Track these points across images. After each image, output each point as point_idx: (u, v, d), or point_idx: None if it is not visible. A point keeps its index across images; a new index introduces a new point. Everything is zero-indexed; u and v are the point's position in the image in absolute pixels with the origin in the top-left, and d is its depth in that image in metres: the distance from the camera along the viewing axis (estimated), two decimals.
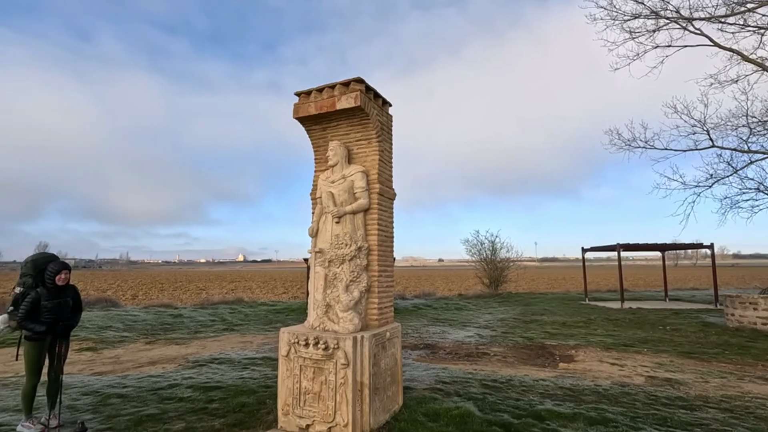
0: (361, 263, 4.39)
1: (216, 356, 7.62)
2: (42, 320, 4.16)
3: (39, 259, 4.41)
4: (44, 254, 4.52)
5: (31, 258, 4.42)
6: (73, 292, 4.49)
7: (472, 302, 18.31)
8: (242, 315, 13.88)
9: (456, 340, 9.35)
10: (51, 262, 4.34)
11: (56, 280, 4.25)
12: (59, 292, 4.29)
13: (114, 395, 5.18)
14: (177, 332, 10.65)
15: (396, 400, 4.55)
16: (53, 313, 4.23)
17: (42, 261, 4.38)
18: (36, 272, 4.31)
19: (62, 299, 4.31)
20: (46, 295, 4.20)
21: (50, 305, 4.21)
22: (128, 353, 8.20)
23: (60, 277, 4.28)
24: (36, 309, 4.15)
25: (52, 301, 4.22)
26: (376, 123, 4.68)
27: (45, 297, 4.19)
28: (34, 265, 4.34)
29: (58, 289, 4.29)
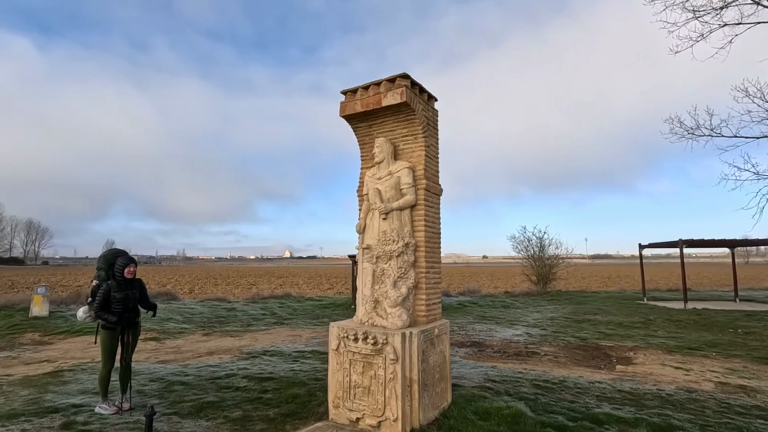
0: (409, 259, 4.39)
1: (268, 349, 7.92)
2: (113, 310, 4.51)
3: (108, 254, 4.79)
4: (113, 250, 4.91)
5: (103, 253, 4.82)
6: (139, 284, 4.85)
7: (520, 300, 17.81)
8: (291, 309, 14.34)
9: (504, 339, 9.13)
10: (119, 257, 4.70)
11: (125, 273, 4.60)
12: (127, 285, 4.64)
13: (177, 383, 5.53)
14: (231, 325, 11.18)
15: (445, 397, 4.52)
16: (122, 303, 4.58)
17: (111, 256, 4.75)
18: (107, 266, 4.68)
19: (129, 291, 4.66)
20: (116, 287, 4.56)
21: (119, 296, 4.57)
22: (188, 344, 8.72)
23: (128, 270, 4.62)
24: (108, 300, 4.51)
25: (120, 293, 4.57)
26: (422, 118, 4.65)
27: (115, 289, 4.55)
28: (104, 259, 4.72)
29: (126, 281, 4.64)
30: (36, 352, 8.06)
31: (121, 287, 4.59)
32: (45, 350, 8.29)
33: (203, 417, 4.33)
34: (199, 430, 3.99)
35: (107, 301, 4.51)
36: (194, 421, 4.24)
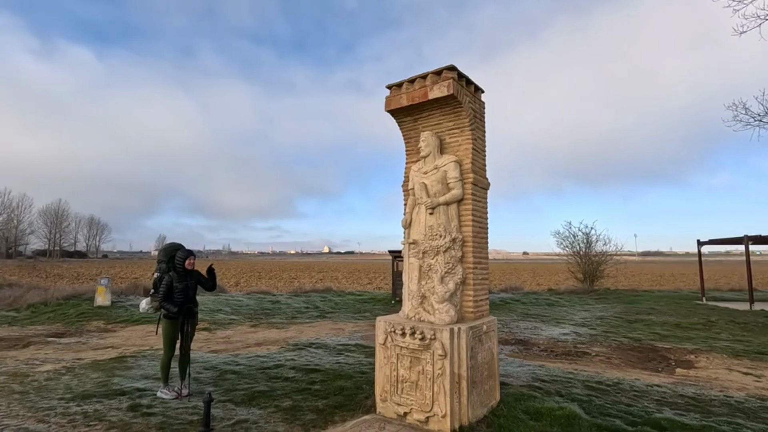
0: (456, 255, 4.33)
1: (313, 341, 8.10)
2: (175, 300, 4.77)
3: (169, 247, 5.06)
4: (173, 243, 5.17)
5: (163, 247, 5.10)
6: (197, 275, 5.08)
7: (565, 298, 17.19)
8: (332, 303, 14.59)
9: (550, 337, 8.84)
10: (179, 250, 4.95)
11: (185, 265, 4.85)
12: (186, 276, 4.88)
13: (229, 371, 5.77)
14: (276, 317, 11.54)
15: (493, 395, 4.43)
16: (183, 294, 4.82)
17: (171, 249, 5.02)
18: (167, 258, 4.95)
19: (189, 282, 4.91)
20: (177, 278, 4.81)
21: (180, 287, 4.81)
22: (237, 334, 9.08)
23: (188, 261, 4.87)
24: (171, 290, 4.77)
25: (181, 283, 4.82)
26: (469, 111, 4.55)
27: (176, 280, 4.80)
28: (165, 252, 4.99)
29: (186, 272, 4.89)
30: (101, 339, 8.68)
31: (181, 278, 4.84)
32: (109, 337, 8.90)
33: (255, 405, 4.49)
34: (253, 418, 4.14)
35: (170, 291, 4.77)
36: (247, 408, 4.40)
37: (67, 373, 5.83)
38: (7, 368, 6.11)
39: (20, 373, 5.83)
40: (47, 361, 6.63)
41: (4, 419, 4.06)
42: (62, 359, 6.71)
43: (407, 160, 5.06)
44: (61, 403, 4.48)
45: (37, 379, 5.52)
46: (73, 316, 11.34)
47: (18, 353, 7.30)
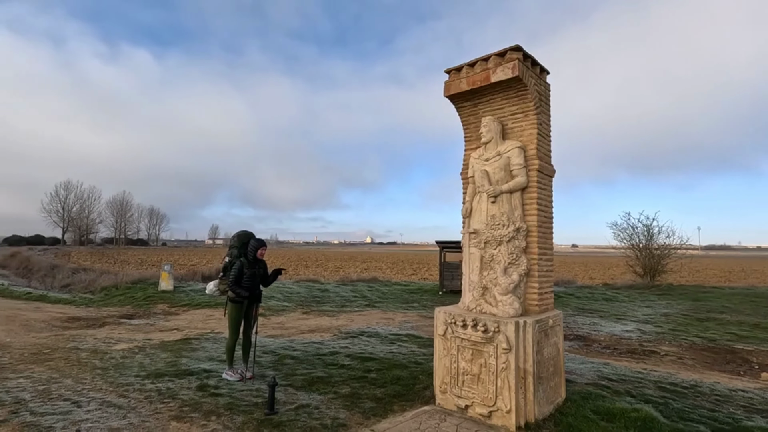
0: (520, 245, 4.13)
1: (364, 330, 8.17)
2: (243, 285, 4.93)
3: (243, 235, 5.23)
4: (247, 232, 5.34)
5: (237, 233, 5.27)
6: (264, 266, 5.22)
7: (623, 293, 16.25)
8: (380, 293, 14.69)
9: (612, 334, 8.37)
10: (252, 239, 5.11)
11: (257, 254, 5.00)
12: (255, 264, 5.03)
13: (287, 356, 5.92)
14: (326, 305, 11.77)
15: (558, 392, 4.23)
16: (250, 280, 4.98)
17: (245, 237, 5.19)
18: (240, 245, 5.12)
19: (257, 270, 5.06)
20: (247, 265, 4.97)
21: (249, 273, 4.97)
22: (290, 321, 9.34)
23: (260, 251, 5.02)
24: (241, 276, 4.93)
25: (250, 270, 4.97)
26: (534, 94, 4.30)
27: (246, 266, 4.96)
28: (239, 239, 5.17)
29: (255, 261, 5.05)
30: (167, 321, 9.24)
31: (250, 265, 4.99)
32: (173, 319, 9.46)
33: (315, 391, 4.57)
34: (314, 403, 4.21)
35: (240, 276, 4.94)
36: (308, 393, 4.49)
37: (140, 352, 6.24)
38: (88, 345, 6.64)
39: (99, 351, 6.30)
40: (121, 340, 7.13)
41: (90, 392, 4.40)
42: (134, 339, 7.20)
43: (466, 147, 4.88)
44: (137, 380, 4.79)
45: (114, 356, 5.94)
46: (140, 299, 12.17)
47: (95, 332, 7.92)
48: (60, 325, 8.58)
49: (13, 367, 5.36)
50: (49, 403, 4.07)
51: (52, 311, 10.33)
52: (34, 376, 4.98)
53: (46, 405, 4.00)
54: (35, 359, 5.78)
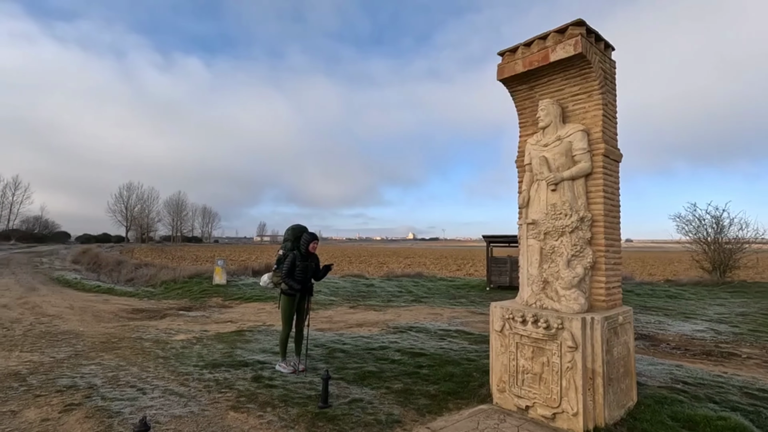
0: (584, 236, 3.83)
1: (412, 325, 8.05)
2: (296, 278, 4.97)
3: (297, 228, 5.28)
4: (301, 225, 5.39)
5: (291, 227, 5.32)
6: (316, 259, 5.23)
7: (689, 290, 15.05)
8: (425, 288, 14.51)
9: (681, 334, 7.72)
10: (306, 232, 5.14)
11: (309, 248, 5.02)
12: (308, 257, 5.06)
13: (337, 350, 5.92)
14: (372, 300, 11.77)
15: (629, 395, 3.90)
16: (303, 273, 5.01)
17: (298, 230, 5.24)
18: (294, 238, 5.16)
19: (309, 263, 5.08)
20: (300, 257, 5.00)
21: (301, 266, 5.00)
22: (338, 315, 9.40)
23: (313, 245, 5.05)
24: (293, 268, 4.98)
25: (302, 263, 5.00)
26: (599, 71, 3.97)
27: (299, 259, 5.00)
28: (293, 232, 5.22)
29: (308, 254, 5.07)
30: (221, 314, 9.59)
31: (303, 259, 5.02)
32: (227, 312, 9.81)
33: (367, 385, 4.51)
34: (367, 398, 4.14)
35: (293, 269, 4.98)
36: (360, 388, 4.43)
37: (198, 343, 6.48)
38: (151, 335, 6.99)
39: (161, 341, 6.62)
40: (180, 331, 7.46)
41: (153, 380, 4.59)
42: (191, 330, 7.51)
43: (521, 133, 4.61)
44: (196, 370, 4.95)
45: (174, 346, 6.21)
46: (196, 292, 12.76)
47: (157, 323, 8.35)
48: (126, 316, 9.13)
49: (86, 354, 5.73)
50: (117, 389, 4.28)
51: (119, 303, 11.04)
52: (104, 363, 5.29)
53: (114, 391, 4.22)
54: (105, 347, 6.15)
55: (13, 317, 8.47)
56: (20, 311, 9.25)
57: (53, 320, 8.25)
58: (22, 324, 7.76)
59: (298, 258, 5.01)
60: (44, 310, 9.47)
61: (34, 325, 7.74)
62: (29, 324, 7.76)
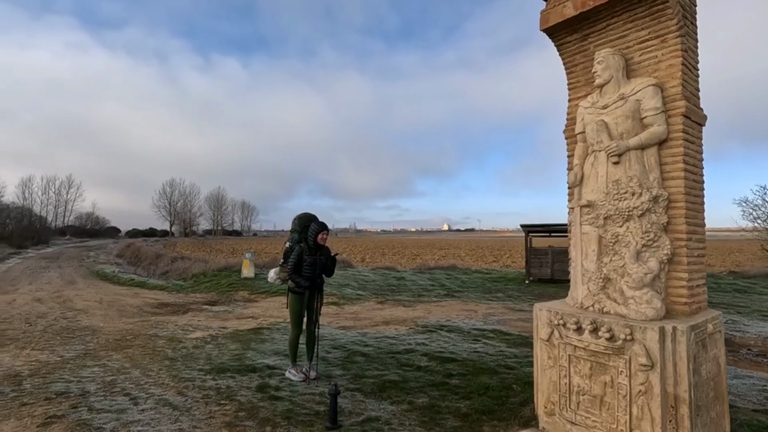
0: (658, 220, 2.98)
1: (443, 323, 7.33)
2: (303, 274, 4.38)
3: (304, 216, 4.69)
4: (309, 214, 4.79)
5: (298, 216, 4.74)
6: (327, 252, 4.63)
7: (760, 283, 13.39)
8: (459, 281, 13.70)
9: (764, 336, 6.56)
10: (314, 221, 4.54)
11: (317, 239, 4.42)
12: (317, 250, 4.46)
13: (357, 353, 5.31)
14: (402, 294, 11.12)
15: (721, 425, 3.03)
16: (311, 268, 4.42)
17: (305, 219, 4.64)
18: (301, 228, 4.57)
19: (318, 257, 4.48)
20: (307, 250, 4.41)
21: (309, 261, 4.41)
22: (364, 311, 8.82)
23: (321, 236, 4.44)
24: (300, 263, 4.40)
25: (310, 257, 4.41)
26: (677, 8, 3.05)
27: (306, 252, 4.41)
28: (300, 222, 4.63)
29: (317, 246, 4.47)
30: (245, 309, 9.25)
31: (311, 252, 4.44)
32: (251, 307, 9.46)
33: (387, 399, 3.87)
34: (385, 416, 3.50)
35: (299, 264, 4.41)
36: (377, 402, 3.80)
37: (211, 341, 6.07)
38: (167, 332, 6.67)
39: (175, 339, 6.27)
40: (198, 327, 7.12)
41: (151, 387, 4.16)
42: (210, 327, 7.14)
43: (571, 97, 3.76)
44: (200, 375, 4.48)
45: (187, 346, 5.82)
46: (224, 285, 12.58)
47: (178, 318, 8.08)
48: (150, 311, 8.96)
49: (95, 354, 5.43)
50: (109, 397, 3.86)
51: (147, 297, 10.99)
52: (109, 364, 4.94)
53: (105, 400, 3.80)
54: (116, 346, 5.86)
55: (41, 312, 8.48)
56: (50, 305, 9.29)
57: (78, 315, 8.16)
58: (47, 319, 7.70)
59: (306, 251, 4.42)
60: (74, 304, 9.49)
61: (58, 320, 7.65)
62: (53, 319, 7.68)
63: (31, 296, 10.64)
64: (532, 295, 10.86)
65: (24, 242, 41.29)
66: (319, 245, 4.48)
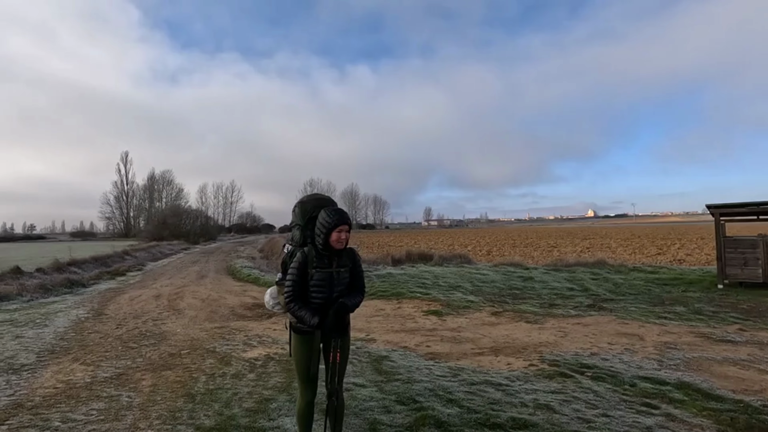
0: None
1: (586, 359, 4.79)
2: (311, 299, 2.62)
3: (308, 202, 2.89)
4: (316, 195, 2.99)
5: (300, 199, 2.96)
6: (352, 258, 2.75)
7: None
8: (610, 284, 10.34)
9: None
10: (324, 210, 2.69)
11: (331, 241, 2.59)
12: (332, 258, 2.63)
13: (433, 418, 3.31)
14: (527, 302, 8.55)
15: None
16: (323, 290, 2.61)
17: (310, 206, 2.83)
18: (305, 221, 2.80)
19: (334, 269, 2.64)
20: (315, 259, 2.61)
21: (318, 276, 2.60)
22: (471, 326, 6.68)
23: (336, 236, 2.60)
24: (302, 280, 2.62)
25: (320, 271, 2.60)
26: None
27: (313, 262, 2.61)
28: (301, 210, 2.84)
29: (330, 252, 2.63)
30: None
31: (322, 260, 2.63)
32: None
33: None
34: None
35: (301, 281, 2.65)
36: None
37: (260, 367, 4.79)
38: (227, 347, 5.66)
39: (227, 358, 5.19)
40: (263, 342, 5.99)
41: None
42: (277, 342, 5.94)
43: None
44: None
45: (227, 372, 4.62)
46: None
47: (256, 325, 7.16)
48: (238, 313, 8.35)
49: (127, 377, 4.58)
50: None
51: (249, 295, 10.66)
52: (133, 394, 4.01)
53: None
54: (161, 365, 4.99)
55: (143, 311, 8.54)
56: (160, 303, 9.45)
57: (169, 317, 7.91)
58: (137, 321, 7.54)
59: (313, 260, 2.61)
60: (179, 303, 9.51)
61: (146, 323, 7.42)
62: (141, 322, 7.48)
63: (155, 292, 11.25)
64: (737, 311, 7.19)
65: (198, 239, 49.29)
66: (335, 250, 2.62)
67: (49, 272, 14.05)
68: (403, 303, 8.77)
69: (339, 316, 2.58)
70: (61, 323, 7.36)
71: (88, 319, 7.72)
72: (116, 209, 77.69)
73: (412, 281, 11.20)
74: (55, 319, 7.67)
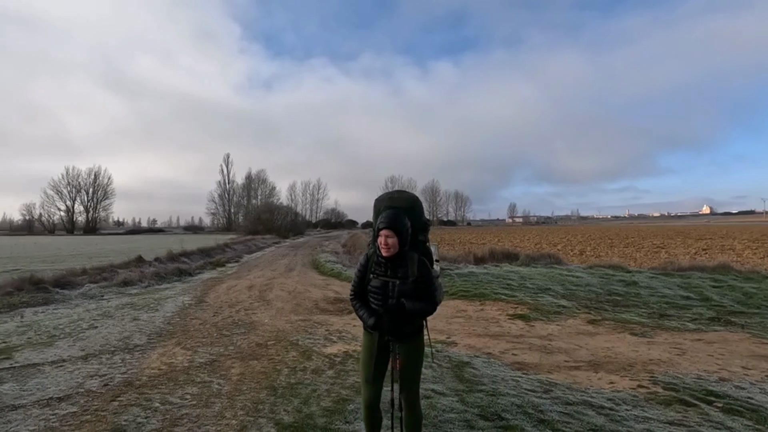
0: None
1: (712, 385, 4.00)
2: (371, 301, 2.48)
3: (380, 199, 2.74)
4: (390, 194, 2.79)
5: (379, 197, 2.80)
6: (419, 265, 2.49)
7: None
8: (738, 294, 8.75)
9: None
10: (388, 209, 2.54)
11: (379, 243, 2.43)
12: (387, 266, 2.45)
13: None
14: (631, 310, 7.56)
15: None
16: (377, 297, 2.45)
17: (382, 205, 2.69)
18: (376, 221, 2.65)
19: (391, 277, 2.44)
20: (374, 265, 2.47)
21: (374, 283, 2.47)
22: (563, 335, 6.04)
23: (381, 239, 2.42)
24: (363, 280, 2.51)
25: (377, 277, 2.45)
26: None
27: (373, 267, 2.48)
28: (374, 209, 2.73)
29: (386, 259, 2.45)
30: None
31: (379, 267, 2.47)
32: None
33: None
34: None
35: (360, 284, 2.53)
36: None
37: (339, 364, 4.80)
38: (309, 341, 5.79)
39: (308, 352, 5.29)
40: (343, 338, 6.03)
41: None
42: (356, 338, 5.94)
43: None
44: None
45: (308, 367, 4.69)
46: None
47: (338, 320, 7.27)
48: (321, 307, 8.58)
49: (220, 364, 4.87)
50: None
51: (331, 289, 10.95)
52: (222, 381, 4.25)
53: None
54: (250, 354, 5.25)
55: (237, 300, 9.18)
56: (252, 293, 10.12)
57: (260, 307, 8.39)
58: (231, 310, 8.11)
59: (373, 264, 2.45)
60: (268, 294, 10.09)
61: (239, 312, 7.94)
62: (235, 311, 8.02)
63: (249, 282, 12.10)
64: None
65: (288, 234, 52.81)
66: (389, 257, 2.41)
67: (164, 261, 15.92)
68: (486, 305, 8.31)
69: (393, 316, 2.39)
70: (169, 308, 8.20)
71: (191, 306, 8.50)
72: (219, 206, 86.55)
73: (496, 281, 10.62)
74: (165, 305, 8.57)
